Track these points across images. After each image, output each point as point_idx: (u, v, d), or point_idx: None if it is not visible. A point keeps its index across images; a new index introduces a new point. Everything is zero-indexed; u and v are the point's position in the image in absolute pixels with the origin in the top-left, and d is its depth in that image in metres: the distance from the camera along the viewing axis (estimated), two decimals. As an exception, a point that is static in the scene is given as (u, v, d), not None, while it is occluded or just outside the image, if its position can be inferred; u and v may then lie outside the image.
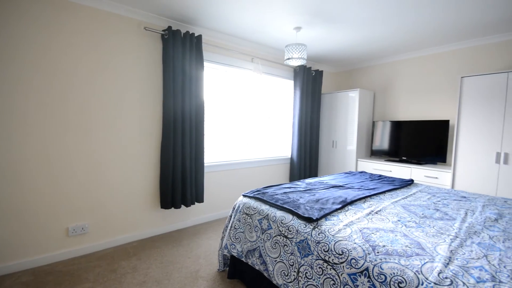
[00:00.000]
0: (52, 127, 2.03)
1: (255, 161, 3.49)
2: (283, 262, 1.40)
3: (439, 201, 1.82)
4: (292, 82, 3.82)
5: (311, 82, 3.82)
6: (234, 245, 1.76)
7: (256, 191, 1.92)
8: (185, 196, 2.64)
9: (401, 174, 3.19)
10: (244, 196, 1.90)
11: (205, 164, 2.93)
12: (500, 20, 2.40)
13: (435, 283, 0.89)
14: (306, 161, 3.90)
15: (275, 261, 1.44)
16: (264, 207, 1.67)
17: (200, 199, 2.78)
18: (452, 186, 2.77)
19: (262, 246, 1.55)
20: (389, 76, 3.77)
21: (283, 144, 3.93)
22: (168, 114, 2.48)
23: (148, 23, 2.43)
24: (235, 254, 1.75)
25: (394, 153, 3.49)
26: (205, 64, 2.90)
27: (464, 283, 0.88)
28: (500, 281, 0.88)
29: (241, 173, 3.35)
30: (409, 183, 2.35)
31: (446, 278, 0.91)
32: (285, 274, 1.37)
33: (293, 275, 1.32)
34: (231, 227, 1.82)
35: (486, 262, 1.00)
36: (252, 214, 1.70)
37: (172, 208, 2.72)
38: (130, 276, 1.90)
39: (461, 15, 2.30)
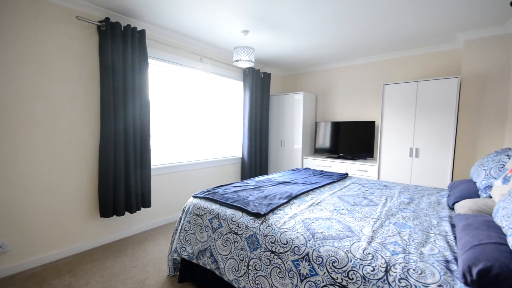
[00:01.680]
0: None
1: (207, 162, 3.46)
2: (234, 258, 1.44)
3: (367, 190, 2.12)
4: (241, 83, 3.90)
5: (260, 84, 3.97)
6: (185, 247, 1.73)
7: (206, 192, 1.93)
8: (130, 201, 2.46)
9: (339, 169, 3.57)
10: (194, 197, 1.88)
11: (152, 167, 2.79)
12: (411, 38, 2.91)
13: (360, 259, 1.06)
14: (257, 160, 4.03)
15: (226, 258, 1.48)
16: (215, 207, 1.69)
17: (147, 204, 2.63)
18: (378, 177, 3.24)
19: (213, 245, 1.57)
20: (328, 81, 4.18)
21: (234, 144, 3.98)
22: (107, 112, 2.27)
23: (81, 12, 2.19)
24: (185, 257, 1.72)
25: (334, 150, 3.88)
26: (150, 61, 2.75)
27: (382, 256, 1.06)
28: (409, 252, 1.09)
29: (192, 174, 3.28)
30: (344, 176, 2.66)
31: (369, 254, 1.08)
32: (236, 269, 1.42)
33: (243, 269, 1.38)
34: (181, 230, 1.79)
35: (399, 238, 1.22)
36: (202, 215, 1.70)
37: (114, 216, 2.50)
38: (63, 295, 1.70)
39: (381, 31, 2.71)
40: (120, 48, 2.32)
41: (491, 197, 1.56)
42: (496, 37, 2.59)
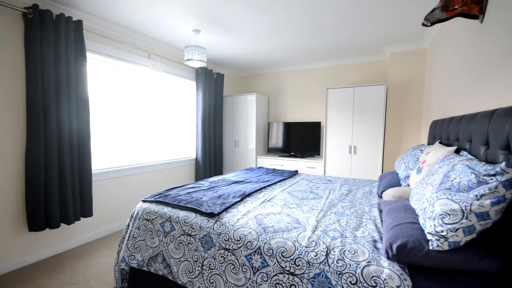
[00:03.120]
0: None
1: (158, 164, 3.29)
2: (188, 260, 1.43)
3: (313, 185, 2.31)
4: (194, 83, 3.83)
5: (213, 84, 3.95)
6: (134, 255, 1.63)
7: (157, 195, 1.85)
8: (66, 211, 2.20)
9: (291, 166, 3.79)
10: (144, 201, 1.79)
11: (94, 172, 2.54)
12: (349, 48, 3.26)
13: (305, 247, 1.17)
14: (211, 161, 4.00)
15: (180, 261, 1.45)
16: (167, 210, 1.64)
17: (87, 213, 2.38)
18: (324, 173, 3.54)
19: (166, 250, 1.52)
20: (279, 83, 4.40)
21: (187, 145, 3.88)
22: (35, 111, 1.99)
23: (-1, -6, 1.88)
24: (135, 265, 1.63)
25: (286, 150, 4.10)
26: (89, 55, 2.50)
27: (323, 242, 1.19)
28: (345, 236, 1.24)
29: (141, 178, 3.08)
30: (294, 173, 2.85)
31: (313, 241, 1.20)
32: (189, 271, 1.41)
33: (198, 270, 1.38)
34: (129, 237, 1.68)
35: (338, 225, 1.38)
36: (153, 219, 1.63)
37: (47, 229, 2.21)
38: (-20, 327, 1.44)
39: (327, 40, 2.99)
40: (51, 39, 2.06)
41: (409, 185, 1.87)
42: (414, 51, 3.09)
